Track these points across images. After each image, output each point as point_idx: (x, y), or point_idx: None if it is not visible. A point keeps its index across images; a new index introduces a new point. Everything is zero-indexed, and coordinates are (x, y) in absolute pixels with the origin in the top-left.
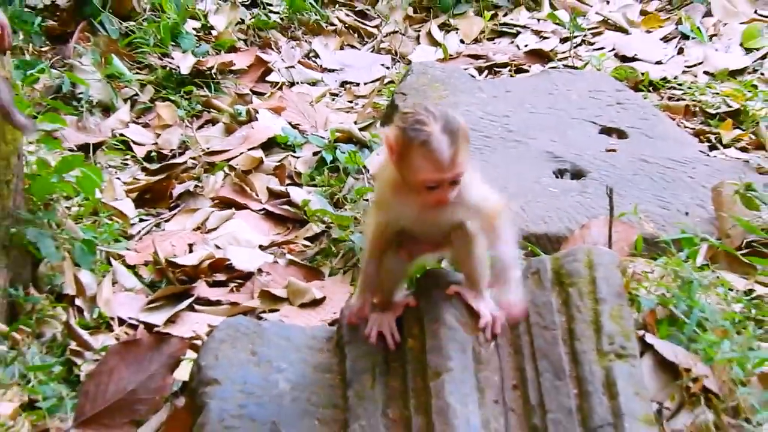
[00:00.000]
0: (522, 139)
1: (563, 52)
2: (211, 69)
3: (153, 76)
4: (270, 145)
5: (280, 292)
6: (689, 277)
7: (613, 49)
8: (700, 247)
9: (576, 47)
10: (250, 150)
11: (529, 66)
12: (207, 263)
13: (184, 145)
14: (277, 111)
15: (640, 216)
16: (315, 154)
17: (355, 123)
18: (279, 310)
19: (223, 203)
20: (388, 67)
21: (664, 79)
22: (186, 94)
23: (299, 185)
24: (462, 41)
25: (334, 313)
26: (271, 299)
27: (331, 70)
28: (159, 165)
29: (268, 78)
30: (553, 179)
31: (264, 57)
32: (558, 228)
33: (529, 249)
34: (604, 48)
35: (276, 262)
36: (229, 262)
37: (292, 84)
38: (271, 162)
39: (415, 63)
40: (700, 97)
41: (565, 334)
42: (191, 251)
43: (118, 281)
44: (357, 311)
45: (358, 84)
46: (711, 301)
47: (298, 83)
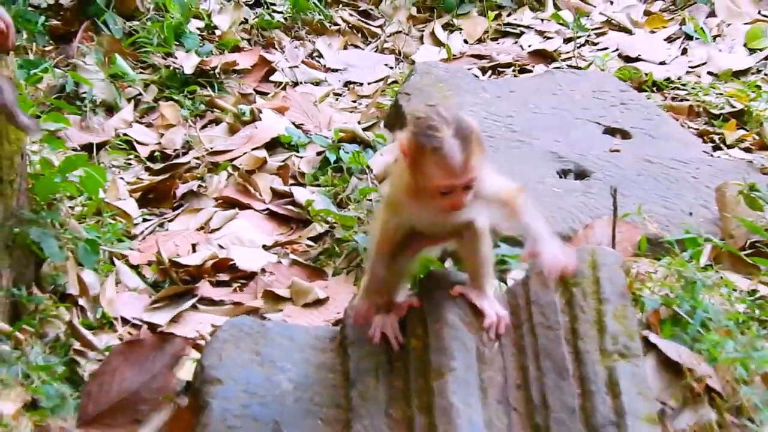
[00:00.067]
0: (526, 139)
1: (567, 53)
2: (214, 69)
3: (156, 76)
4: (273, 145)
5: (284, 292)
6: (693, 277)
7: (617, 50)
8: (704, 248)
9: (580, 47)
10: (253, 150)
11: (533, 66)
12: (210, 263)
13: (188, 145)
14: (281, 111)
15: (643, 216)
16: (318, 154)
17: (358, 123)
18: (282, 310)
19: (226, 203)
20: (392, 67)
21: (668, 80)
22: (189, 93)
23: (303, 185)
24: (465, 41)
25: (338, 313)
26: (275, 299)
27: (335, 70)
28: (162, 165)
29: (272, 78)
30: (556, 179)
31: (267, 57)
32: (562, 228)
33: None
34: (607, 48)
35: (279, 262)
36: (232, 262)
37: (296, 84)
38: (274, 162)
39: (419, 63)
40: (703, 97)
41: (569, 334)
42: (194, 251)
43: (121, 281)
44: (365, 313)
45: (362, 84)
46: (714, 301)
47: (301, 83)
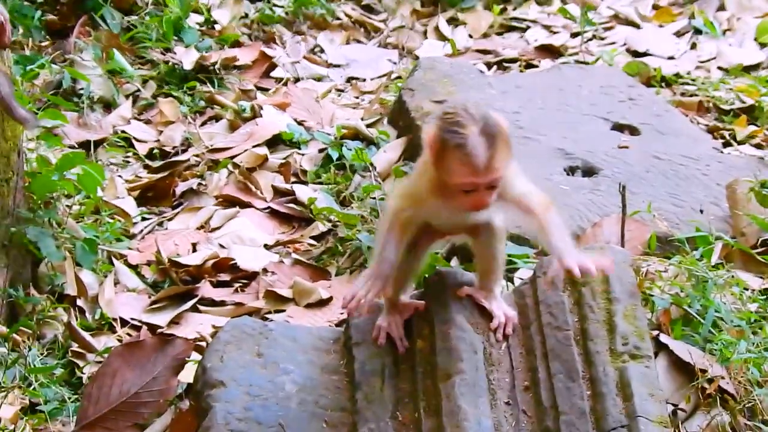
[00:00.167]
0: (532, 135)
1: (574, 47)
2: (214, 64)
3: (155, 72)
4: (275, 142)
5: (286, 292)
6: (704, 276)
7: (625, 44)
8: (715, 246)
9: (587, 42)
10: (254, 147)
11: (539, 61)
12: (211, 263)
13: (187, 142)
14: (282, 107)
15: (653, 214)
16: (321, 151)
17: (361, 119)
18: (285, 311)
19: (227, 201)
20: (395, 63)
21: (677, 75)
22: (189, 90)
23: (305, 183)
24: (470, 36)
25: (341, 313)
26: (277, 299)
27: (337, 66)
28: (161, 162)
29: (273, 73)
30: (564, 176)
31: (268, 52)
32: (569, 226)
33: (540, 248)
34: (615, 43)
35: (281, 262)
36: (233, 262)
37: (297, 80)
38: (276, 159)
39: (423, 58)
40: (713, 92)
41: (578, 335)
42: (195, 250)
43: (120, 281)
44: (360, 297)
45: (365, 79)
46: (726, 300)
47: (303, 79)
